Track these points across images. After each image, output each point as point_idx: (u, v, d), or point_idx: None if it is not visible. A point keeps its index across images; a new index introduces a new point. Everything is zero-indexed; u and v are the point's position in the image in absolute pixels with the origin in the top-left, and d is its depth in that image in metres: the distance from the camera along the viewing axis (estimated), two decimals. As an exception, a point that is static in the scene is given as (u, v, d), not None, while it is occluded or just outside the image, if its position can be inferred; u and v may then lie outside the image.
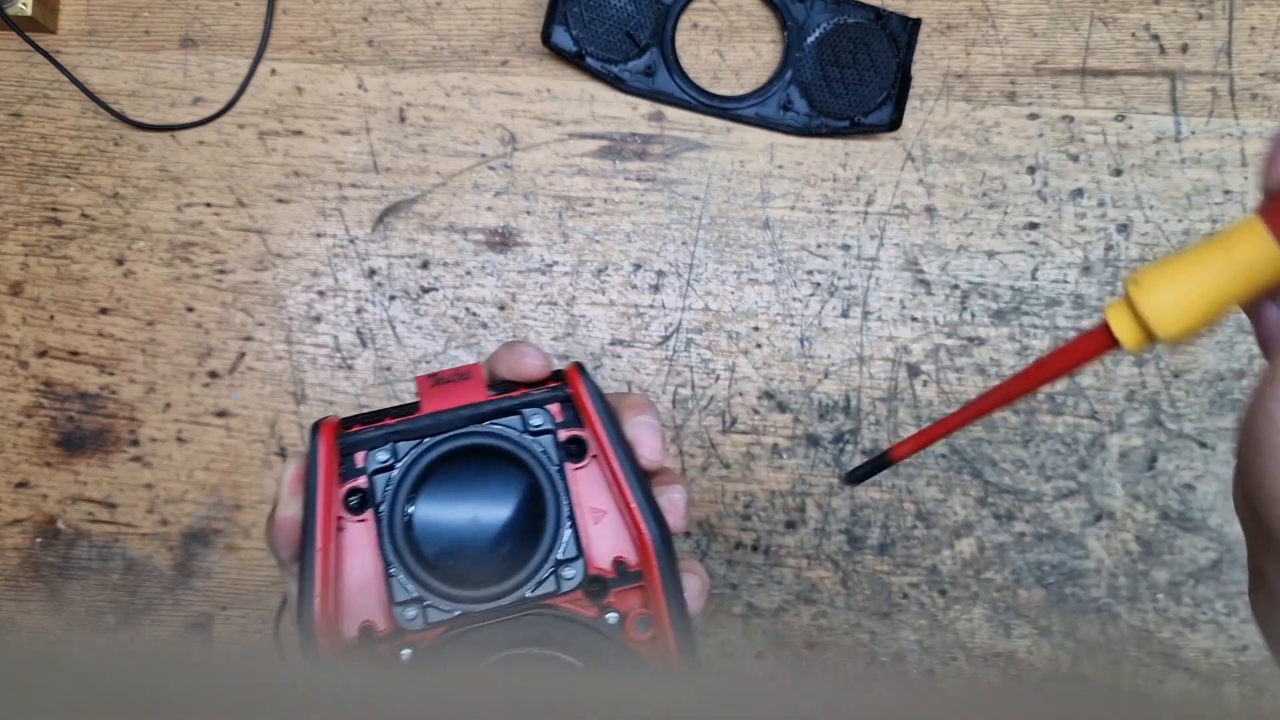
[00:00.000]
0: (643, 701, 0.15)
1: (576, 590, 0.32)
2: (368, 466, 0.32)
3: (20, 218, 0.58)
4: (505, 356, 0.33)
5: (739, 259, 0.59)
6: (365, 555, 0.32)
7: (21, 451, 0.57)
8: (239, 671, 0.16)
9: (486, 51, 0.59)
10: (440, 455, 0.32)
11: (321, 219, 0.58)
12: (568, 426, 0.33)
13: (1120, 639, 0.58)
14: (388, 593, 0.31)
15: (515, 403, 0.33)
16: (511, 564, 0.32)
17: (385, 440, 0.33)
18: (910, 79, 0.57)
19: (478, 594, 0.31)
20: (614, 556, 0.33)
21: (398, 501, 0.32)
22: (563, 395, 0.33)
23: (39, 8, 0.56)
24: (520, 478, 0.33)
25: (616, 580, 0.32)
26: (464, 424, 0.33)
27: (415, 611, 0.31)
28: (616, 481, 0.32)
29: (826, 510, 0.58)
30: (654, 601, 0.32)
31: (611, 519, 0.33)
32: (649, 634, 0.32)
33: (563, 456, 0.33)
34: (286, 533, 0.33)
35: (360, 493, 0.32)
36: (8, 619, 0.57)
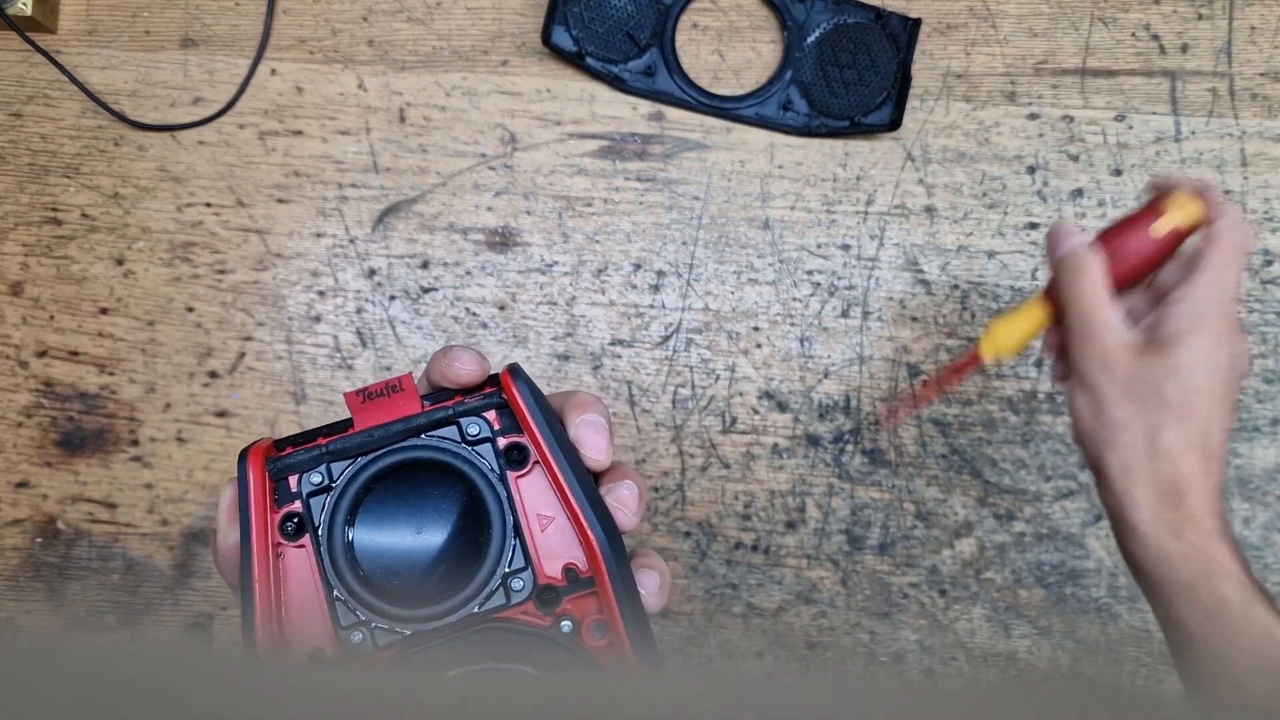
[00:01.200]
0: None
1: (527, 601, 0.31)
2: (302, 490, 0.31)
3: (20, 218, 0.58)
4: (438, 363, 0.32)
5: (739, 259, 0.59)
6: (306, 580, 0.31)
7: (21, 451, 0.57)
8: (238, 671, 0.16)
9: (486, 51, 0.59)
10: (375, 473, 0.32)
11: (321, 219, 0.58)
12: (506, 433, 0.32)
13: (1120, 639, 0.58)
14: (332, 618, 0.31)
15: (450, 412, 0.32)
16: (458, 580, 0.31)
17: (318, 462, 0.31)
18: (910, 79, 0.57)
19: (425, 613, 0.31)
20: (563, 563, 0.32)
21: (335, 524, 0.31)
22: (499, 401, 0.32)
23: (39, 8, 0.56)
24: (461, 490, 0.32)
25: (568, 588, 0.31)
26: (399, 439, 0.32)
27: (362, 635, 0.31)
28: (560, 488, 0.31)
29: (826, 510, 0.58)
30: (607, 607, 0.31)
31: (559, 524, 0.32)
32: (605, 640, 0.31)
33: (503, 465, 0.32)
34: (228, 560, 0.32)
35: (296, 517, 0.31)
36: (8, 619, 0.57)
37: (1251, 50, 0.59)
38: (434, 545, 0.32)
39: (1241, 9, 0.59)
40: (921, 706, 0.16)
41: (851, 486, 0.58)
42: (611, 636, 0.31)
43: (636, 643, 0.31)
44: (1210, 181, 0.35)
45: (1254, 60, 0.59)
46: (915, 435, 0.59)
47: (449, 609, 0.31)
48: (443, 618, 0.31)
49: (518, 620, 0.31)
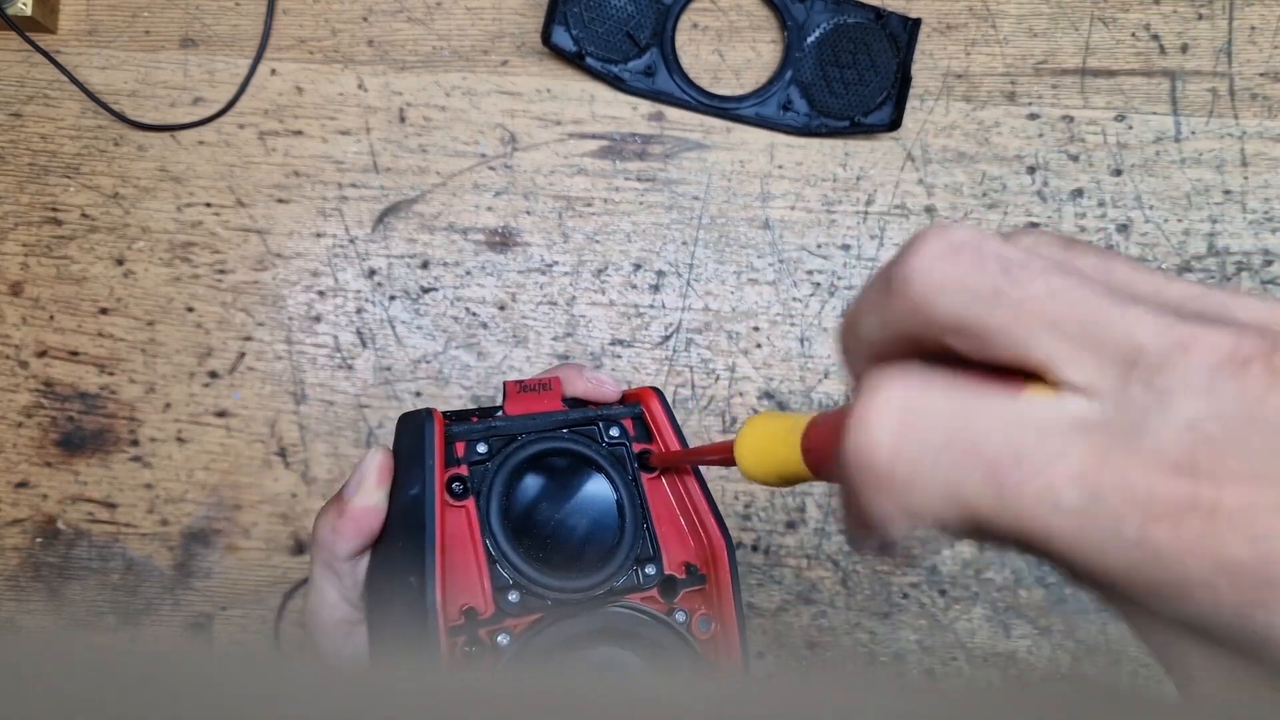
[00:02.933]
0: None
1: (652, 588, 0.35)
2: (468, 457, 0.34)
3: (20, 218, 0.58)
4: (579, 380, 0.36)
5: (739, 259, 0.59)
6: (465, 539, 0.33)
7: (21, 451, 0.57)
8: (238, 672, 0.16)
9: (486, 51, 0.59)
10: (533, 454, 0.35)
11: (321, 219, 0.58)
12: (639, 440, 0.36)
13: (1120, 639, 0.58)
14: (490, 578, 0.33)
15: (595, 415, 0.36)
16: (598, 560, 0.34)
17: (484, 434, 0.34)
18: (910, 79, 0.57)
19: (570, 585, 0.33)
20: (682, 560, 0.35)
21: (495, 492, 0.34)
22: (636, 412, 0.37)
23: (39, 8, 0.56)
24: (602, 482, 0.35)
25: (686, 581, 0.35)
26: (552, 429, 0.35)
27: (517, 595, 0.33)
28: (688, 494, 0.36)
29: (826, 510, 0.58)
30: (722, 604, 0.35)
31: (678, 526, 0.36)
32: (709, 633, 0.34)
33: (635, 467, 0.36)
34: (364, 522, 0.33)
35: (462, 480, 0.34)
36: (8, 619, 0.57)
37: (1251, 50, 0.59)
38: (580, 525, 0.35)
39: (1241, 9, 0.59)
40: (920, 706, 0.16)
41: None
42: (716, 630, 0.35)
43: (742, 639, 0.34)
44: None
45: (1254, 60, 0.59)
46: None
47: (590, 585, 0.34)
48: (583, 591, 0.34)
49: (642, 604, 0.34)
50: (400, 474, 0.34)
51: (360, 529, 0.33)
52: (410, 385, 0.58)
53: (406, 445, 0.34)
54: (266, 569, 0.57)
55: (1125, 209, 0.59)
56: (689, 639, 0.34)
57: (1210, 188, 0.59)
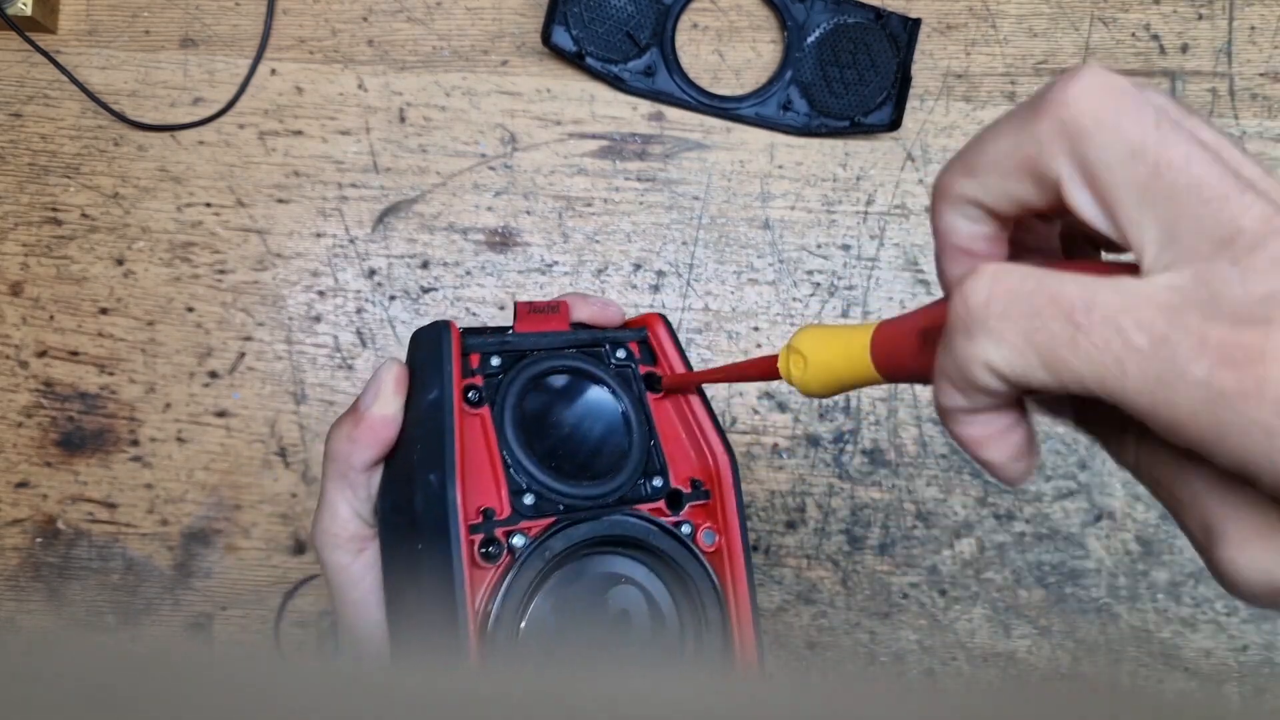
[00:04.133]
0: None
1: (659, 500, 0.36)
2: (482, 369, 0.35)
3: (20, 218, 0.58)
4: (585, 305, 0.38)
5: (739, 259, 0.59)
6: (480, 445, 0.34)
7: (21, 451, 0.57)
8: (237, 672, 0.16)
9: (486, 51, 0.59)
10: (544, 369, 0.36)
11: (321, 219, 0.58)
12: (645, 363, 0.38)
13: (1120, 639, 0.58)
14: (506, 482, 0.34)
15: (603, 336, 0.38)
16: (607, 471, 0.36)
17: (499, 349, 0.36)
18: (910, 79, 0.57)
19: (582, 492, 0.34)
20: (687, 475, 0.37)
21: (510, 403, 0.35)
22: (642, 336, 0.38)
23: (39, 8, 0.56)
24: (610, 399, 0.37)
25: (691, 495, 0.36)
26: (562, 347, 0.37)
27: (531, 500, 0.34)
28: (694, 415, 0.37)
29: (826, 510, 0.58)
30: (727, 519, 0.36)
31: (683, 443, 0.37)
32: (713, 546, 0.36)
33: (642, 387, 0.37)
34: (381, 431, 0.34)
35: (477, 389, 0.35)
36: (8, 619, 0.57)
37: (1251, 50, 0.59)
38: (587, 439, 0.36)
39: (1241, 9, 0.59)
40: (921, 706, 0.16)
41: (851, 486, 0.58)
42: (720, 544, 0.36)
43: (745, 553, 0.36)
44: None
45: (1254, 60, 0.59)
46: (915, 435, 0.59)
47: (601, 493, 0.35)
48: (594, 499, 0.35)
49: (650, 514, 0.35)
50: (416, 382, 0.34)
51: (378, 438, 0.34)
52: (410, 385, 0.58)
53: (423, 355, 0.34)
54: (266, 569, 0.57)
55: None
56: (694, 549, 0.35)
57: (1210, 188, 0.59)
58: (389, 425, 0.34)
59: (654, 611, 0.35)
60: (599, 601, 0.34)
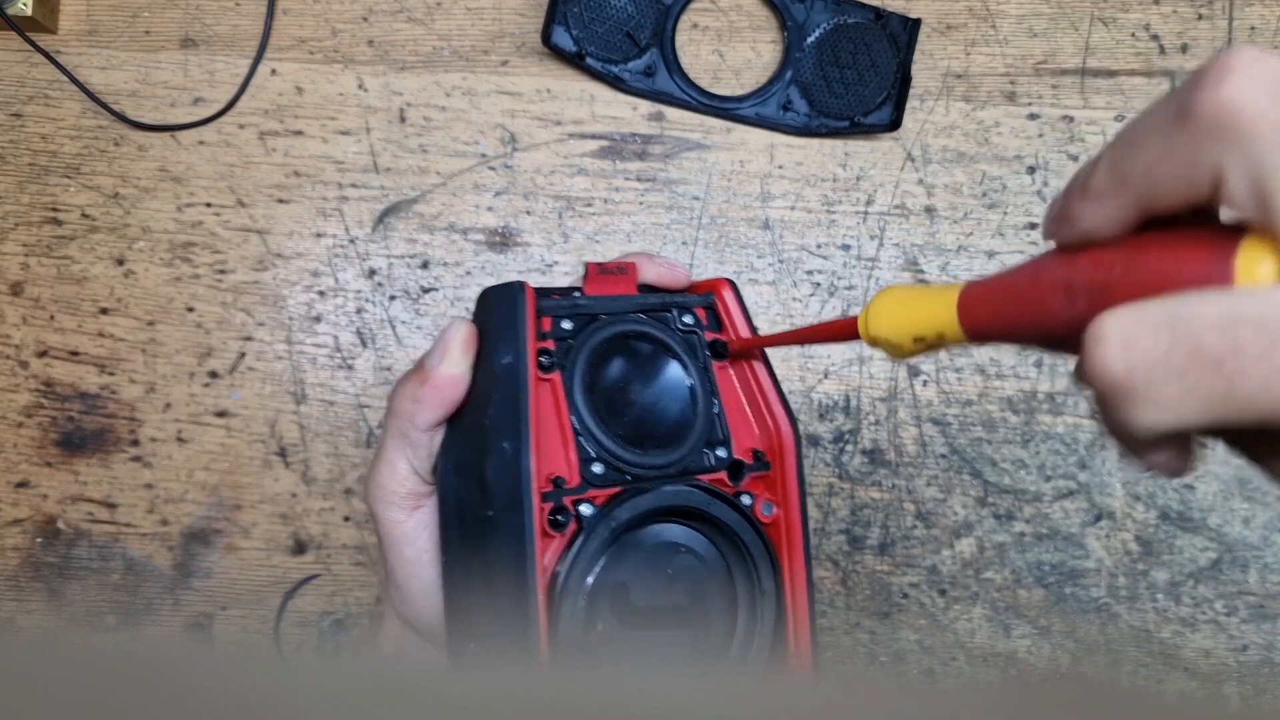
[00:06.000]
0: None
1: (721, 470, 0.36)
2: (554, 333, 0.34)
3: (20, 218, 0.58)
4: (652, 267, 0.37)
5: (739, 259, 0.59)
6: (551, 413, 0.33)
7: (21, 451, 0.57)
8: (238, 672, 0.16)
9: (486, 51, 0.59)
10: (615, 334, 0.35)
11: (321, 219, 0.58)
12: (710, 329, 0.37)
13: (1120, 639, 0.58)
14: (576, 449, 0.33)
15: (670, 301, 0.37)
16: (672, 439, 0.35)
17: (571, 312, 0.35)
18: (910, 79, 0.57)
19: (648, 461, 0.34)
20: (749, 446, 0.37)
21: (580, 369, 0.34)
22: (710, 302, 0.37)
23: (39, 8, 0.56)
24: (677, 366, 0.36)
25: (753, 466, 0.36)
26: (632, 311, 0.36)
27: (602, 468, 0.33)
28: (759, 386, 0.37)
29: (826, 510, 0.58)
30: (787, 490, 0.36)
31: (745, 414, 0.37)
32: (772, 517, 0.36)
33: (707, 355, 0.37)
34: (448, 391, 0.33)
35: (549, 354, 0.34)
36: (8, 619, 0.57)
37: (1251, 50, 0.59)
38: (653, 406, 0.36)
39: (1241, 9, 0.59)
40: (921, 706, 0.16)
41: (851, 486, 0.58)
42: (778, 515, 0.36)
43: (804, 525, 0.36)
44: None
45: (1254, 60, 0.59)
46: (915, 435, 0.59)
47: (666, 463, 0.35)
48: (660, 469, 0.35)
49: (711, 484, 0.35)
50: (487, 344, 0.34)
51: (444, 398, 0.33)
52: (410, 385, 0.58)
53: (497, 315, 0.34)
54: (266, 569, 0.57)
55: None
56: (754, 520, 0.35)
57: (1210, 188, 0.59)
58: (456, 385, 0.33)
59: (713, 581, 0.35)
60: (660, 570, 0.34)
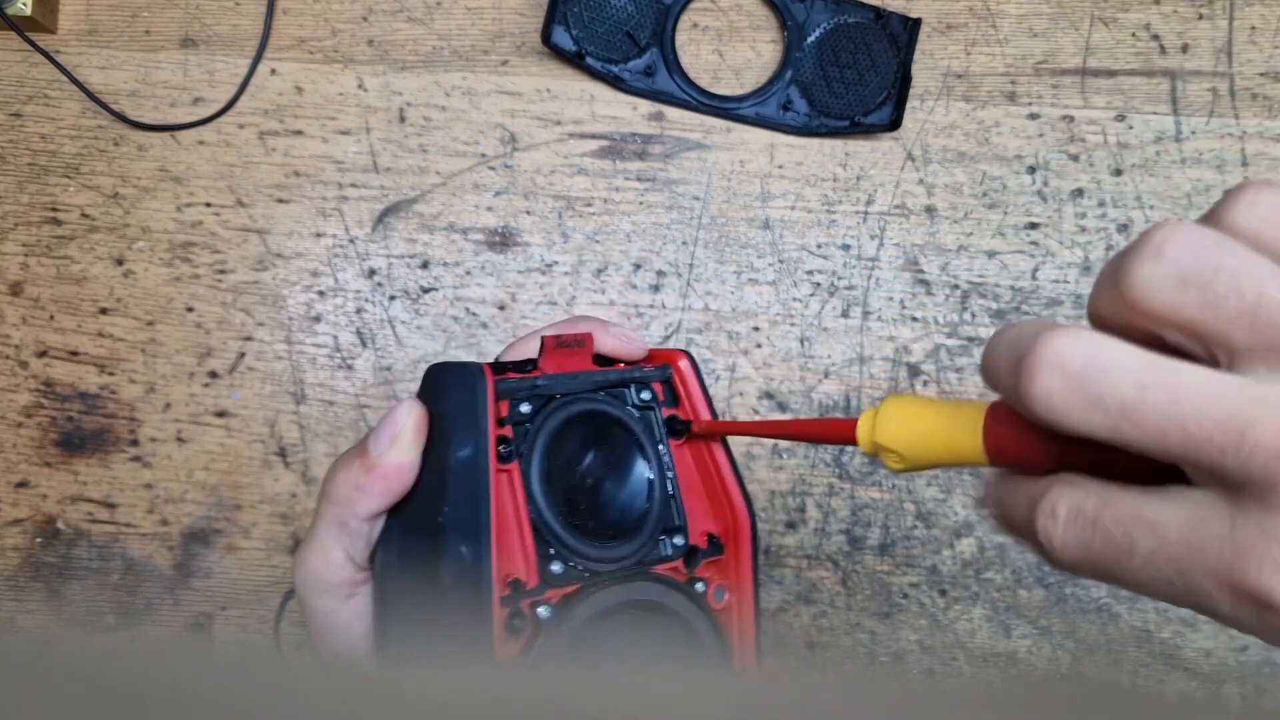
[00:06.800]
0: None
1: (678, 558, 0.34)
2: (511, 417, 0.32)
3: (20, 218, 0.58)
4: (608, 338, 0.35)
5: (739, 259, 0.59)
6: (508, 507, 0.31)
7: (21, 451, 0.57)
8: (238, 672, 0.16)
9: (486, 51, 0.59)
10: (574, 417, 0.33)
11: (321, 219, 0.58)
12: (667, 405, 0.36)
13: (1120, 639, 0.58)
14: (535, 547, 0.31)
15: (626, 377, 0.35)
16: (629, 528, 0.33)
17: (530, 394, 0.33)
18: (910, 79, 0.57)
19: (606, 554, 0.32)
20: (704, 530, 0.35)
21: (538, 456, 0.32)
22: (667, 375, 0.36)
23: (39, 8, 0.56)
24: (634, 448, 0.34)
25: (707, 551, 0.35)
26: (590, 389, 0.34)
27: (561, 566, 0.31)
28: (715, 465, 0.35)
29: (826, 510, 0.58)
30: (740, 575, 0.35)
31: (700, 494, 0.35)
32: (724, 603, 0.35)
33: (664, 432, 0.35)
34: (395, 481, 0.31)
35: (507, 442, 0.32)
36: (8, 619, 0.57)
37: (1252, 50, 0.59)
38: (611, 493, 0.34)
39: (1242, 9, 0.59)
40: (921, 706, 0.16)
41: (851, 486, 0.58)
42: (730, 600, 0.35)
43: (756, 611, 0.35)
44: None
45: (1254, 60, 0.59)
46: (915, 435, 0.59)
47: (624, 555, 0.33)
48: (617, 562, 0.33)
49: (667, 574, 0.33)
50: (441, 430, 0.31)
51: (392, 488, 0.31)
52: (410, 385, 0.58)
53: (453, 401, 0.31)
54: (266, 569, 0.57)
55: (1125, 209, 0.59)
56: (706, 608, 0.34)
57: (1211, 188, 0.59)
58: (405, 474, 0.31)
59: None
60: (614, 658, 0.32)
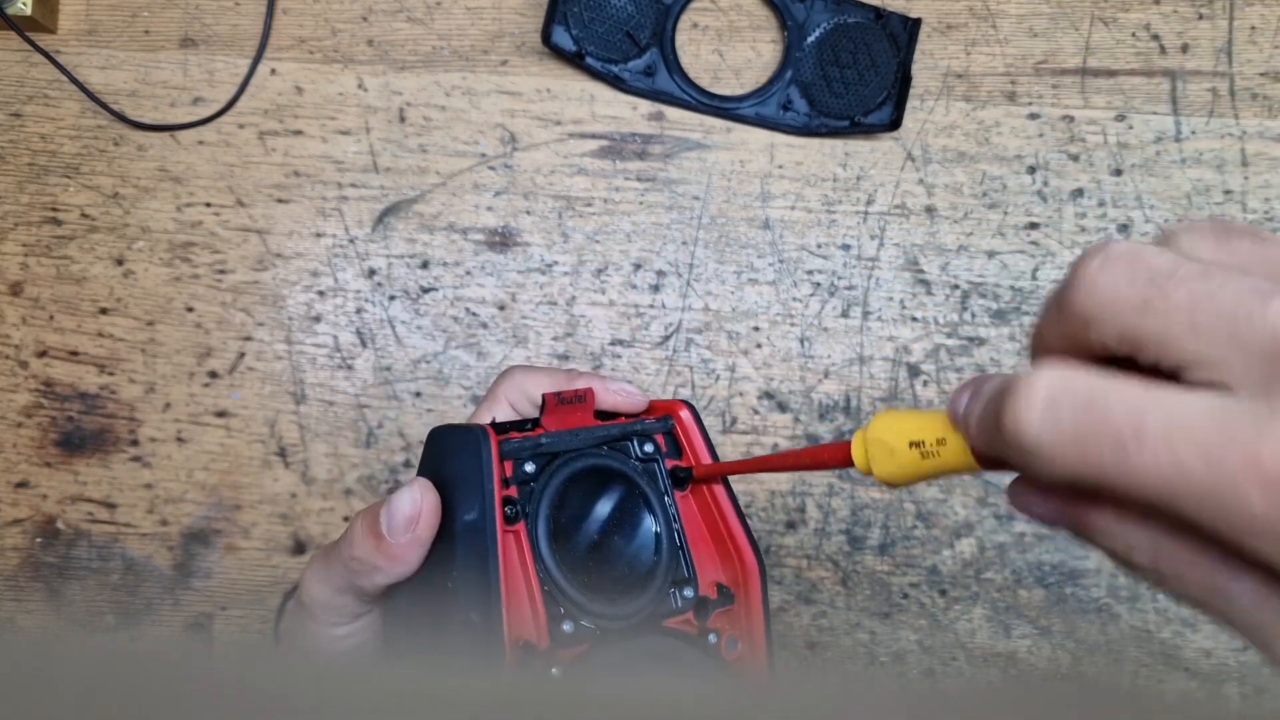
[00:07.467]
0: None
1: (688, 610, 0.34)
2: (516, 477, 0.32)
3: (20, 218, 0.58)
4: (608, 395, 0.36)
5: (739, 259, 0.59)
6: (516, 569, 0.31)
7: (21, 451, 0.57)
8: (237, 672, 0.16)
9: (486, 51, 0.59)
10: (578, 474, 0.33)
11: (321, 219, 0.58)
12: (670, 456, 0.36)
13: (1120, 639, 0.58)
14: (544, 606, 0.31)
15: (629, 430, 0.35)
16: (638, 583, 0.33)
17: (534, 453, 0.33)
18: (910, 79, 0.57)
19: (616, 611, 0.32)
20: (713, 580, 0.35)
21: (544, 515, 0.32)
22: (669, 427, 0.36)
23: (39, 8, 0.56)
24: (640, 502, 0.34)
25: (718, 602, 0.34)
26: (593, 445, 0.34)
27: (571, 626, 0.31)
28: (721, 513, 0.35)
29: (826, 510, 0.58)
30: (751, 624, 0.34)
31: (706, 544, 0.35)
32: (736, 653, 0.34)
33: (668, 484, 0.35)
34: (406, 564, 0.31)
35: (513, 503, 0.32)
36: (8, 619, 0.57)
37: (1252, 50, 0.59)
38: (618, 549, 0.34)
39: (1242, 9, 0.59)
40: (921, 706, 0.16)
41: (851, 486, 0.58)
42: (743, 651, 0.34)
43: (769, 659, 0.34)
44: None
45: (1254, 60, 0.59)
46: (915, 435, 0.59)
47: (634, 610, 0.32)
48: (628, 618, 0.32)
49: (678, 628, 0.33)
50: (447, 496, 0.31)
51: (402, 572, 0.31)
52: (410, 385, 0.58)
53: (458, 465, 0.31)
54: (266, 569, 0.57)
55: (1126, 209, 0.59)
56: (719, 660, 0.33)
57: (1211, 188, 0.59)
58: (416, 556, 0.31)
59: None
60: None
